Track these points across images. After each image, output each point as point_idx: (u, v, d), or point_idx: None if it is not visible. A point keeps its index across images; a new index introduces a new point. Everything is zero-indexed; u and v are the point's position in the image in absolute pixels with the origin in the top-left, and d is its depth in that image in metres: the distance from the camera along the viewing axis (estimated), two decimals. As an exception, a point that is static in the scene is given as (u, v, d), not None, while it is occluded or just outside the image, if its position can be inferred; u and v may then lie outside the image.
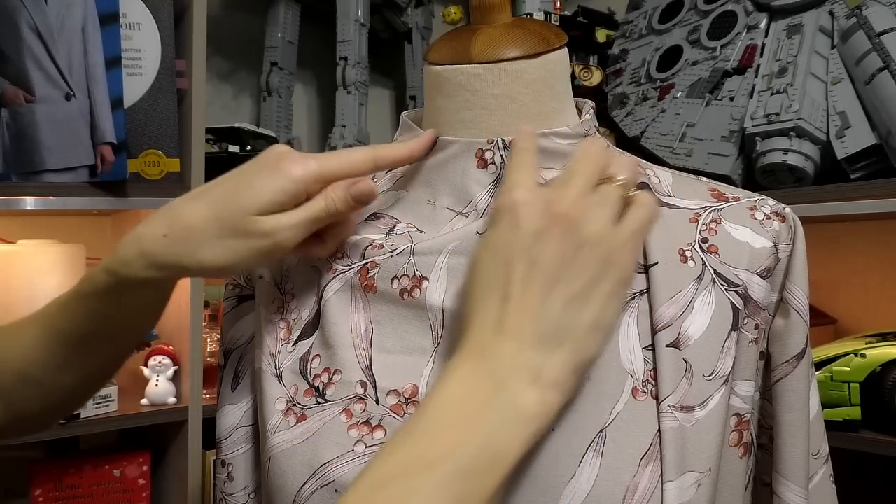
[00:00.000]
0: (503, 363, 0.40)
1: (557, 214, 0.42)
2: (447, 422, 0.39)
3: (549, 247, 0.42)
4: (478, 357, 0.41)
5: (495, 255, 0.43)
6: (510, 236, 0.42)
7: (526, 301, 0.41)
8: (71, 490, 1.20)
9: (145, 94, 1.17)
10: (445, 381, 0.41)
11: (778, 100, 1.10)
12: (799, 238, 0.53)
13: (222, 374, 0.61)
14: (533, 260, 0.42)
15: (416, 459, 0.38)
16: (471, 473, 0.38)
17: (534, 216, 0.42)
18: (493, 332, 0.41)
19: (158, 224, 0.50)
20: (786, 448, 0.52)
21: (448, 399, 0.40)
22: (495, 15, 0.55)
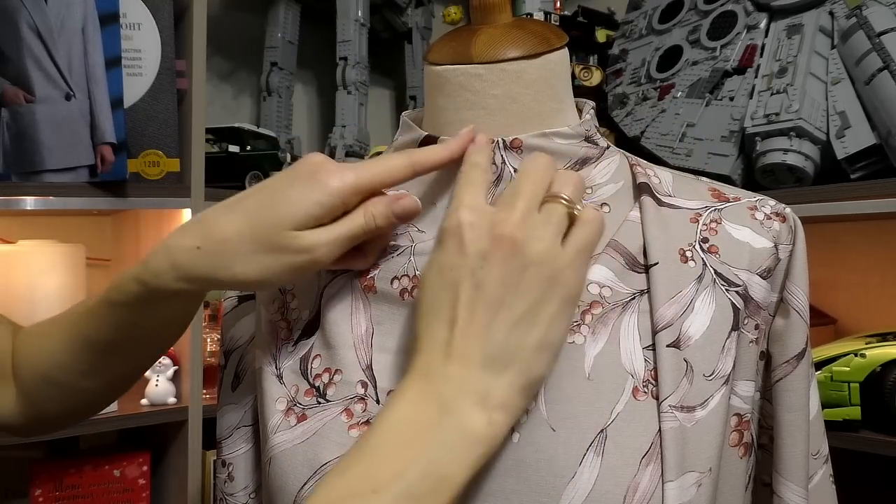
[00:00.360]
0: (450, 386, 0.41)
1: (501, 237, 0.42)
2: (395, 444, 0.40)
3: (493, 270, 0.42)
4: (425, 380, 0.41)
5: (442, 277, 0.43)
6: (456, 259, 0.43)
7: (472, 324, 0.42)
8: (71, 490, 1.20)
9: (145, 94, 1.17)
10: (394, 403, 0.41)
11: (778, 100, 1.11)
12: (799, 238, 0.53)
13: (223, 374, 0.61)
14: (478, 283, 0.42)
15: (364, 481, 0.39)
16: (417, 497, 0.38)
17: (478, 238, 0.43)
18: (441, 356, 0.42)
19: (191, 235, 0.48)
20: (786, 448, 0.52)
21: (396, 421, 0.41)
22: (495, 15, 0.55)
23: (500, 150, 0.53)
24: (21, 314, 0.74)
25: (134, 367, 0.59)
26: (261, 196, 0.48)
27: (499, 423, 0.41)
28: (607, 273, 0.49)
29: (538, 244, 0.42)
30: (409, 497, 0.38)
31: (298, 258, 0.47)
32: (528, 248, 0.42)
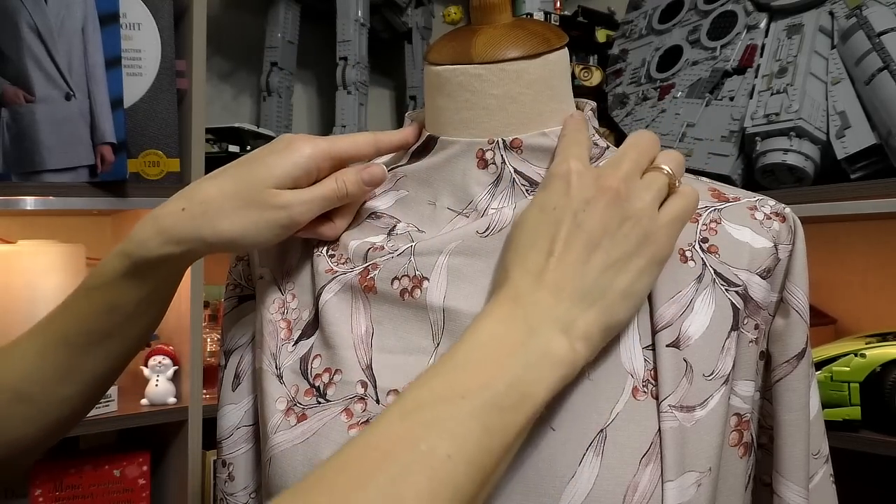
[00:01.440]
0: (539, 311, 0.43)
1: (607, 187, 0.45)
2: (481, 358, 0.42)
3: (596, 214, 0.44)
4: (514, 302, 0.43)
5: (544, 213, 0.45)
6: (561, 199, 0.45)
7: (567, 259, 0.44)
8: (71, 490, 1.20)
9: (145, 94, 1.17)
10: (482, 321, 0.43)
11: (778, 100, 1.11)
12: (799, 238, 0.53)
13: (223, 374, 0.61)
14: (579, 223, 0.44)
15: (449, 389, 0.40)
16: (500, 408, 0.40)
17: (585, 185, 0.45)
18: (533, 282, 0.44)
19: (176, 202, 0.52)
20: (786, 448, 0.52)
21: (483, 337, 0.42)
22: (495, 15, 0.55)
23: (499, 150, 0.53)
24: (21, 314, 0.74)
25: (112, 364, 0.58)
26: (242, 163, 0.53)
27: (579, 352, 0.43)
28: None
29: (638, 202, 0.46)
30: (494, 406, 0.40)
31: (278, 214, 0.51)
32: (630, 203, 0.45)
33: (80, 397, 0.58)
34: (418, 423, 0.39)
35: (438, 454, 0.38)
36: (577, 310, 0.43)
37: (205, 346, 1.27)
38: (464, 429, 0.39)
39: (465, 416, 0.39)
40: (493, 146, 0.53)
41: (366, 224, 0.56)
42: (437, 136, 0.55)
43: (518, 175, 0.53)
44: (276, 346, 0.54)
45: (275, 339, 0.55)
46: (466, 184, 0.53)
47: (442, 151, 0.55)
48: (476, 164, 0.53)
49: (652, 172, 0.48)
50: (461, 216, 0.53)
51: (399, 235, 0.54)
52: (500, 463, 0.40)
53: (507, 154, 0.53)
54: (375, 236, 0.55)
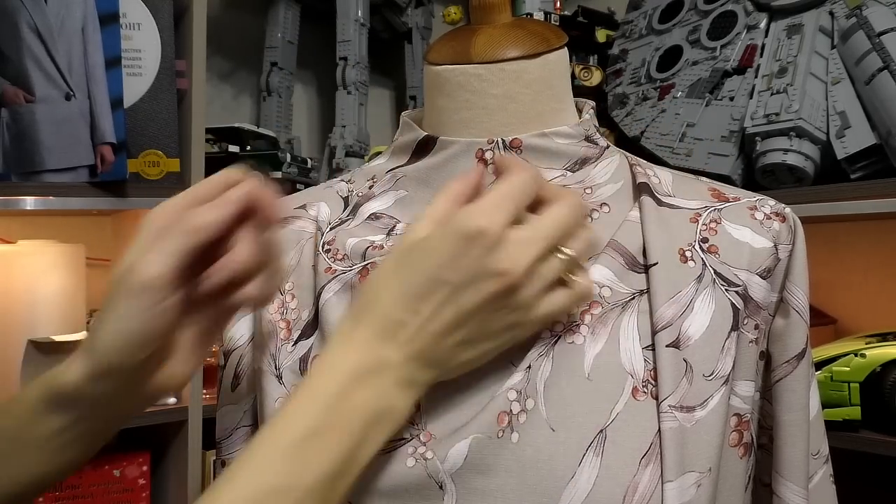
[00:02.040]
0: (388, 369, 0.43)
1: (505, 273, 0.42)
2: (323, 426, 0.42)
3: (478, 297, 0.43)
4: (366, 348, 0.44)
5: (430, 263, 0.43)
6: (456, 262, 0.43)
7: (430, 328, 0.43)
8: (71, 490, 1.20)
9: (145, 94, 1.17)
10: (330, 370, 0.44)
11: (778, 100, 1.10)
12: (799, 238, 0.53)
13: (222, 374, 0.61)
14: (459, 300, 0.43)
15: (287, 477, 0.41)
16: (334, 480, 0.42)
17: (485, 260, 0.42)
18: (389, 338, 0.44)
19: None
20: (786, 448, 0.52)
21: (330, 389, 0.43)
22: (495, 15, 0.55)
23: (499, 150, 0.53)
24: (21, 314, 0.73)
25: None
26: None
27: (410, 404, 0.45)
28: (607, 273, 0.49)
29: (525, 294, 0.43)
30: (329, 485, 0.42)
31: (144, 296, 0.45)
32: (517, 295, 0.43)
33: None
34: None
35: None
36: (420, 372, 0.44)
37: (205, 346, 1.27)
38: None
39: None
40: (493, 146, 0.53)
41: (365, 224, 0.56)
42: (436, 136, 0.55)
43: (518, 175, 0.53)
44: (275, 346, 0.54)
45: (274, 339, 0.55)
46: (466, 184, 0.53)
47: (442, 151, 0.55)
48: (476, 164, 0.53)
49: (554, 260, 0.44)
50: (461, 216, 0.53)
51: (399, 235, 0.54)
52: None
53: (507, 154, 0.53)
54: (375, 236, 0.55)
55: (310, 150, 1.74)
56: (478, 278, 0.42)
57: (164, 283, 0.45)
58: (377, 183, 0.59)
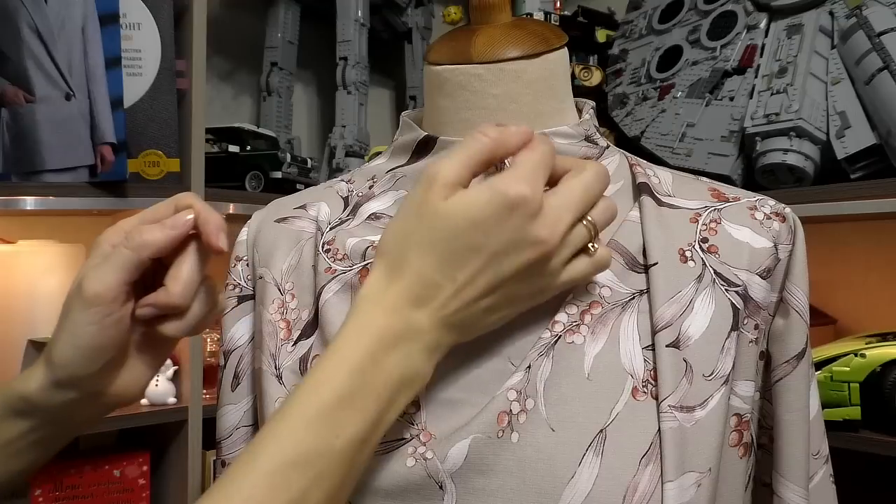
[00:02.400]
0: (415, 334, 0.43)
1: (541, 241, 0.43)
2: (354, 391, 0.42)
3: (514, 265, 0.43)
4: (395, 314, 0.43)
5: (474, 229, 0.43)
6: (495, 228, 0.42)
7: (464, 295, 0.43)
8: (71, 490, 1.20)
9: (145, 94, 1.17)
10: (357, 333, 0.43)
11: (778, 100, 1.11)
12: (799, 238, 0.53)
13: (222, 374, 0.61)
14: (496, 267, 0.43)
15: (313, 439, 0.41)
16: (363, 441, 0.42)
17: (524, 226, 0.42)
18: (422, 304, 0.43)
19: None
20: (786, 448, 0.52)
21: (357, 356, 0.43)
22: (495, 15, 0.55)
23: (499, 150, 0.53)
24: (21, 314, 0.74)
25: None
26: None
27: (432, 368, 0.45)
28: (607, 273, 0.49)
29: (557, 260, 0.44)
30: (359, 442, 0.42)
31: (92, 310, 0.46)
32: (550, 262, 0.44)
33: None
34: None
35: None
36: (446, 337, 0.44)
37: (205, 346, 1.27)
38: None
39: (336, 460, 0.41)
40: None
41: (365, 224, 0.56)
42: (436, 136, 0.55)
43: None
44: (275, 346, 0.54)
45: (274, 339, 0.55)
46: (466, 184, 0.53)
47: (442, 151, 0.55)
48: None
49: (581, 228, 0.45)
50: (461, 216, 0.53)
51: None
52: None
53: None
54: (375, 236, 0.55)
55: (310, 150, 1.74)
56: (518, 246, 0.43)
57: (109, 297, 0.46)
58: (377, 183, 0.59)
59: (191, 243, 0.48)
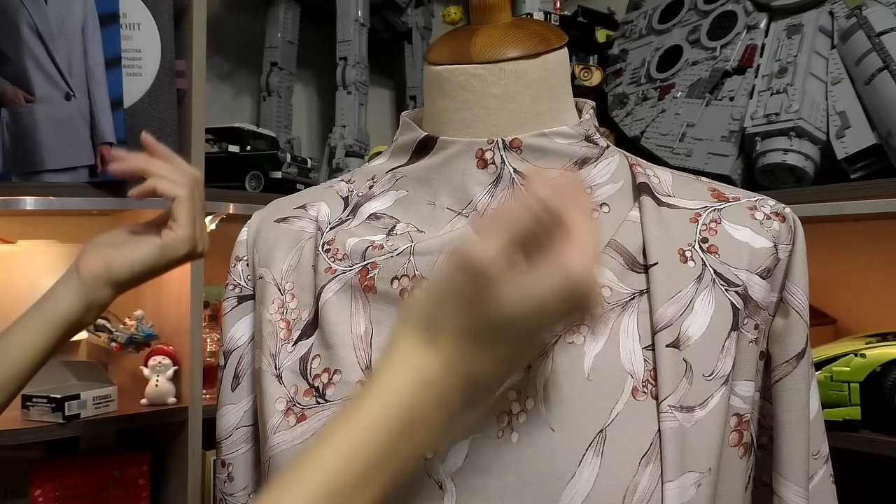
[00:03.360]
0: (446, 411, 0.41)
1: (579, 314, 0.41)
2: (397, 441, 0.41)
3: (547, 333, 0.44)
4: (434, 386, 0.41)
5: (547, 316, 0.39)
6: (574, 315, 0.40)
7: (503, 366, 0.41)
8: (71, 490, 1.20)
9: (145, 94, 1.17)
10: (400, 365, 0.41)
11: (778, 100, 1.11)
12: (799, 238, 0.53)
13: (222, 374, 0.61)
14: (542, 337, 0.43)
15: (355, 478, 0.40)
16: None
17: (594, 307, 0.40)
18: (461, 380, 0.41)
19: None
20: (786, 448, 0.52)
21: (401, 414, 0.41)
22: (495, 15, 0.55)
23: (499, 150, 0.53)
24: (21, 314, 0.74)
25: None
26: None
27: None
28: (607, 273, 0.49)
29: None
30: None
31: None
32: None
33: None
34: None
35: None
36: (474, 412, 0.43)
37: (205, 346, 1.27)
38: None
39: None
40: (493, 146, 0.53)
41: (365, 224, 0.56)
42: (436, 136, 0.55)
43: (518, 175, 0.53)
44: (275, 346, 0.54)
45: (274, 339, 0.55)
46: (466, 184, 0.53)
47: (442, 151, 0.55)
48: (476, 164, 0.53)
49: None
50: (461, 216, 0.53)
51: (399, 235, 0.54)
52: None
53: (507, 154, 0.53)
54: (375, 236, 0.55)
55: (310, 150, 1.74)
56: (569, 321, 0.42)
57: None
58: (377, 183, 0.59)
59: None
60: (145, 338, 1.24)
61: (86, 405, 1.12)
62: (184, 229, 0.72)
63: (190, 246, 0.73)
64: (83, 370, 1.20)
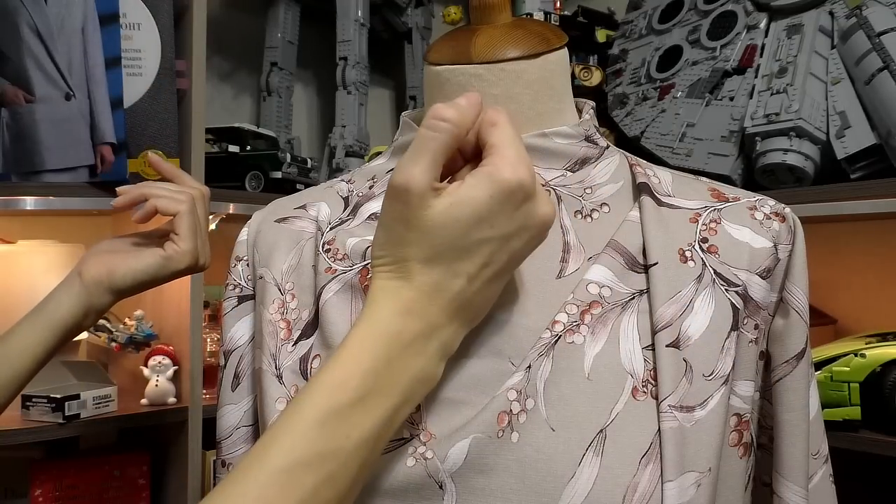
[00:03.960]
0: (433, 332, 0.43)
1: (541, 222, 0.44)
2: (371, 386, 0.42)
3: (521, 246, 0.44)
4: (411, 316, 0.43)
5: (483, 224, 0.42)
6: (504, 219, 0.43)
7: (476, 285, 0.43)
8: (71, 490, 1.20)
9: (145, 94, 1.17)
10: (376, 327, 0.43)
11: (778, 100, 1.11)
12: (799, 238, 0.53)
13: (222, 375, 0.61)
14: (507, 251, 0.43)
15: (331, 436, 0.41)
16: (377, 438, 0.42)
17: (529, 212, 0.43)
18: (438, 298, 0.43)
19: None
20: (786, 448, 0.52)
21: (375, 352, 0.43)
22: (495, 15, 0.55)
23: (499, 150, 0.53)
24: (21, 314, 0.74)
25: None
26: None
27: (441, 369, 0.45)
28: (607, 273, 0.49)
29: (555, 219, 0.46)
30: (375, 439, 0.42)
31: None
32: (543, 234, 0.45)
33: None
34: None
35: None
36: (459, 333, 0.45)
37: (205, 346, 1.27)
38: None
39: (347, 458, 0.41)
40: None
41: (366, 224, 0.56)
42: None
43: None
44: (275, 346, 0.54)
45: (274, 339, 0.55)
46: (466, 184, 0.53)
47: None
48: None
49: None
50: (461, 216, 0.53)
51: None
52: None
53: None
54: (375, 236, 0.55)
55: (310, 150, 1.74)
56: (526, 227, 0.43)
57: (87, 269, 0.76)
58: (377, 183, 0.59)
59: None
60: (145, 338, 1.24)
61: (86, 405, 1.12)
62: (185, 243, 0.74)
63: (191, 259, 0.75)
64: (83, 370, 1.20)
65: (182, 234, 0.74)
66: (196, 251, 0.75)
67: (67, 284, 0.74)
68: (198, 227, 0.76)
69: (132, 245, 0.77)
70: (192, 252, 0.75)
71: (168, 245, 0.75)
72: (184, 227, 0.74)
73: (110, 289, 0.74)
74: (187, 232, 0.74)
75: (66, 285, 0.74)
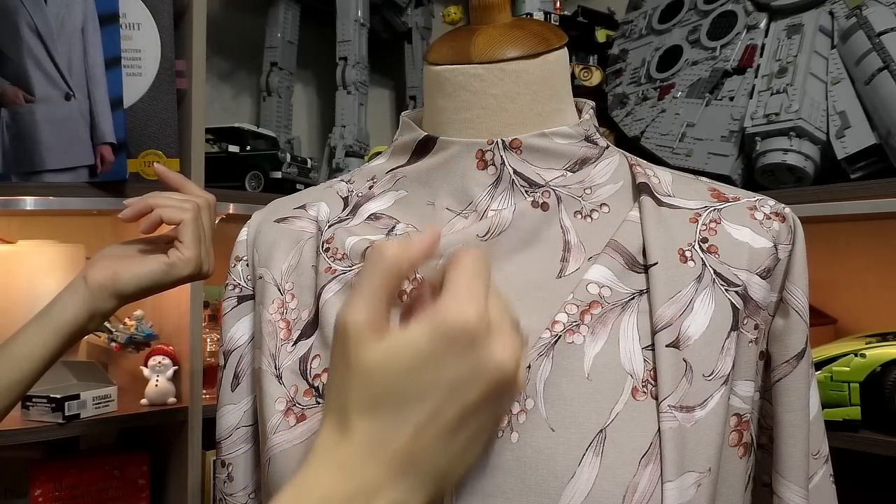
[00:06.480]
0: (367, 489, 0.38)
1: (510, 363, 0.38)
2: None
3: (485, 391, 0.38)
4: (347, 473, 0.38)
5: (428, 368, 0.37)
6: (471, 363, 0.37)
7: (430, 434, 0.38)
8: (71, 490, 1.20)
9: (145, 94, 1.17)
10: (313, 476, 0.38)
11: (778, 100, 1.11)
12: (799, 238, 0.53)
13: (222, 375, 0.61)
14: (464, 396, 0.38)
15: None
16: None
17: (497, 352, 0.38)
18: (378, 453, 0.38)
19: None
20: (786, 448, 0.52)
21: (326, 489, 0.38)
22: (495, 15, 0.55)
23: (499, 150, 0.53)
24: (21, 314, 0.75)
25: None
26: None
27: None
28: (607, 273, 0.49)
29: (520, 374, 0.40)
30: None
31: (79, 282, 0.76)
32: (515, 381, 0.39)
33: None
34: None
35: None
36: (415, 490, 0.38)
37: (205, 346, 1.27)
38: None
39: None
40: (493, 147, 0.53)
41: (365, 224, 0.56)
42: (436, 137, 0.55)
43: (517, 176, 0.53)
44: (275, 346, 0.54)
45: (274, 339, 0.55)
46: (466, 184, 0.53)
47: (442, 152, 0.55)
48: (476, 164, 0.53)
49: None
50: (460, 217, 0.53)
51: (398, 236, 0.54)
52: None
53: (507, 154, 0.53)
54: (374, 235, 0.55)
55: (310, 150, 1.74)
56: (478, 374, 0.38)
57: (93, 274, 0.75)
58: (377, 183, 0.59)
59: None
60: (145, 338, 1.24)
61: (86, 405, 1.12)
62: (189, 251, 0.75)
63: (194, 267, 0.76)
64: (83, 370, 1.21)
65: (186, 242, 0.75)
66: (199, 259, 0.76)
67: (72, 288, 0.74)
68: (202, 235, 0.77)
69: (137, 251, 0.78)
70: (195, 260, 0.76)
71: (172, 252, 0.76)
72: (188, 234, 0.75)
73: (114, 293, 0.74)
74: (191, 240, 0.75)
75: (71, 289, 0.74)
